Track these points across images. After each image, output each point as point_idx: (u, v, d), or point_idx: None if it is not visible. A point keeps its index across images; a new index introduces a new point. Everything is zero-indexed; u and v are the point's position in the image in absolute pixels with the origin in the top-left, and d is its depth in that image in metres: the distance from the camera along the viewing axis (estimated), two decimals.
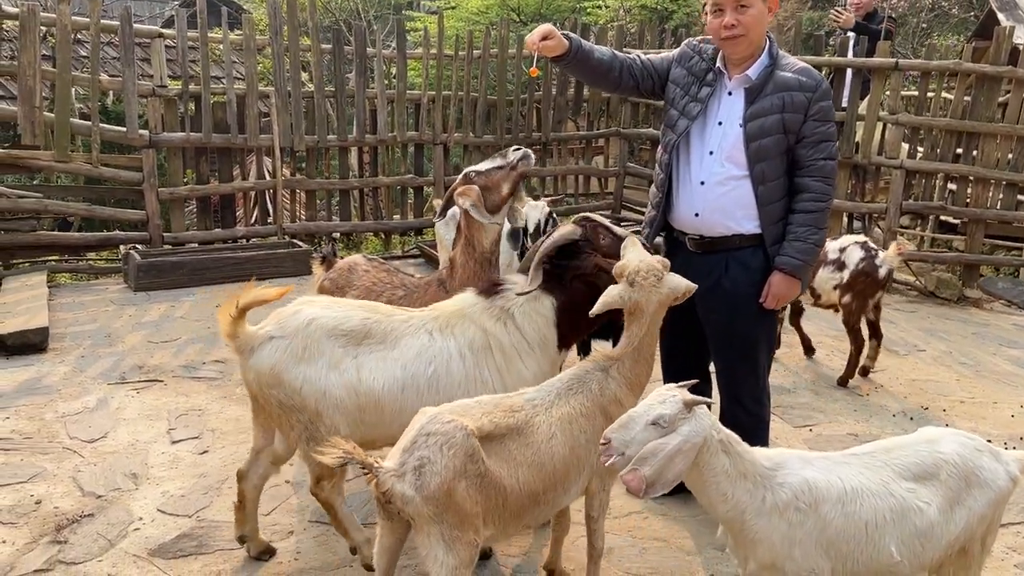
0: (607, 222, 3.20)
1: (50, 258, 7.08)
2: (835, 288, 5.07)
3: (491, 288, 3.09)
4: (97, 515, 3.46)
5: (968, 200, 7.52)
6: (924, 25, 16.99)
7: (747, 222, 3.27)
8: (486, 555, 3.28)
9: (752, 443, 2.42)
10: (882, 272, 5.00)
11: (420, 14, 15.05)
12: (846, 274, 5.02)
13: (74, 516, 3.44)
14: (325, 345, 2.84)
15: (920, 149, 7.91)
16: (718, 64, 3.28)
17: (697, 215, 3.31)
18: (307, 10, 7.71)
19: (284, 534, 3.39)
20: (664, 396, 2.22)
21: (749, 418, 3.48)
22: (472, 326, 2.99)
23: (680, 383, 2.31)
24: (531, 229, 4.81)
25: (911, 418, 4.75)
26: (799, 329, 5.67)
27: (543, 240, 3.12)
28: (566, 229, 3.12)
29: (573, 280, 3.08)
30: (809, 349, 5.69)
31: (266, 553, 3.22)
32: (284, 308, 2.96)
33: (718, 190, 3.26)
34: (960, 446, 2.34)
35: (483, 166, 3.50)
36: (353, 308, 2.98)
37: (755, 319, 3.35)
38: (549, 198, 5.39)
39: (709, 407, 2.27)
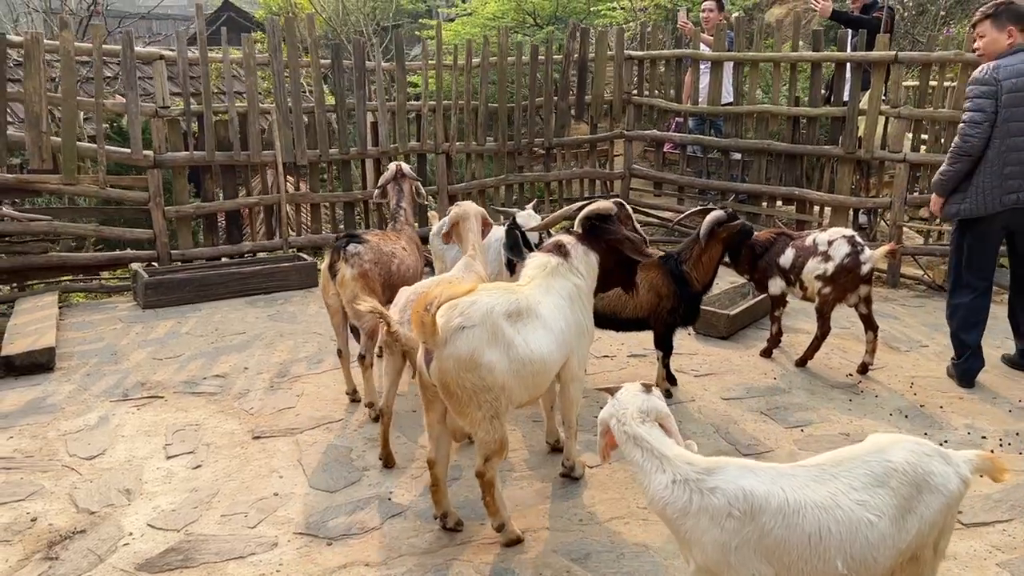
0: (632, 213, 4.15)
1: (64, 279, 7.25)
2: (817, 279, 5.10)
3: (562, 249, 3.77)
4: (89, 531, 3.56)
5: None
6: (943, 13, 16.75)
7: None
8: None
9: None
10: (865, 268, 5.03)
11: (437, 21, 15.11)
12: (831, 266, 5.05)
13: (67, 532, 3.54)
14: (503, 328, 3.27)
15: (925, 136, 7.83)
16: None
17: None
18: (305, 25, 7.81)
19: (268, 546, 3.45)
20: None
21: None
22: (566, 282, 3.69)
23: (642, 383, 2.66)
24: (532, 241, 4.86)
25: (906, 416, 4.71)
26: (779, 323, 5.64)
27: (585, 203, 3.97)
28: (605, 203, 3.94)
29: (605, 243, 3.87)
30: (776, 344, 5.68)
31: (459, 525, 3.57)
32: (459, 300, 3.23)
33: None
34: (909, 453, 2.33)
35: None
36: (501, 291, 3.42)
37: None
38: (533, 203, 5.46)
39: (613, 393, 2.64)
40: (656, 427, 2.48)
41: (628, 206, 4.17)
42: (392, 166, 5.42)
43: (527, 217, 4.97)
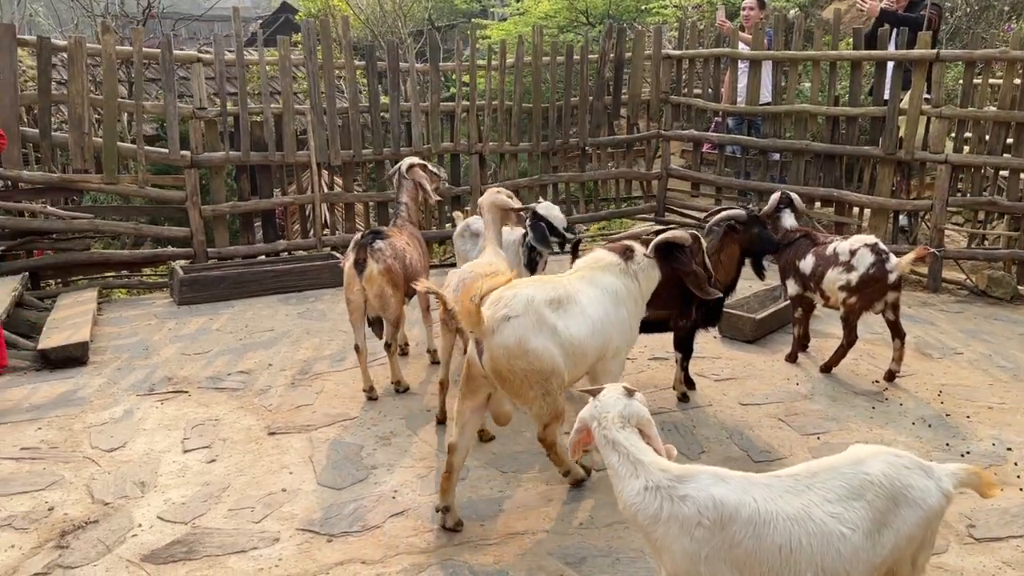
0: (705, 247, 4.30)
1: (107, 275, 7.48)
2: (841, 289, 4.96)
3: (627, 252, 3.97)
4: (101, 521, 3.67)
5: (1021, 193, 7.14)
6: (1007, 8, 16.15)
7: None
8: None
9: None
10: (892, 277, 4.87)
11: (472, 22, 15.19)
12: (854, 276, 4.90)
13: (80, 522, 3.66)
14: (546, 315, 3.49)
15: (969, 134, 7.56)
16: None
17: None
18: (339, 27, 7.92)
19: (270, 541, 3.52)
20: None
21: None
22: (614, 280, 3.86)
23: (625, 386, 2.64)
24: (560, 226, 4.98)
25: (929, 425, 4.58)
26: (805, 327, 5.56)
27: (664, 231, 4.14)
28: (682, 234, 4.12)
29: (673, 268, 4.06)
30: (803, 349, 5.60)
31: (459, 525, 3.59)
32: (500, 292, 3.47)
33: None
34: (887, 465, 2.26)
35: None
36: (538, 283, 3.68)
37: None
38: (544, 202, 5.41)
39: (594, 395, 2.59)
40: (635, 432, 2.46)
41: (704, 241, 4.31)
42: (403, 161, 5.66)
43: (547, 208, 5.03)
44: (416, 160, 5.68)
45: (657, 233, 4.14)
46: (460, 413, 3.60)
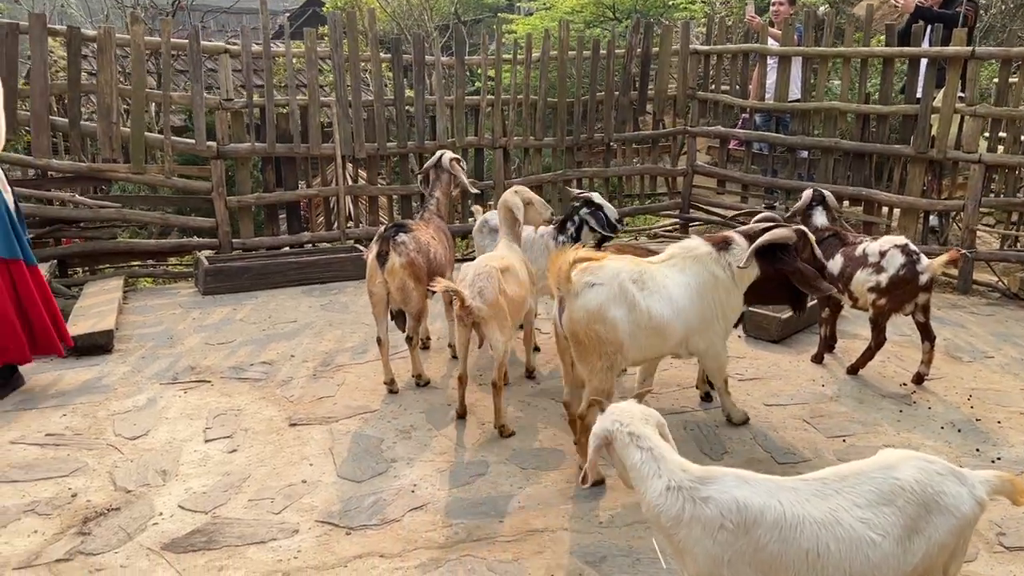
0: (814, 240, 4.20)
1: (133, 264, 7.54)
2: (870, 290, 4.87)
3: (723, 243, 4.04)
4: (123, 509, 3.69)
5: None
6: None
7: None
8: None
9: None
10: (923, 279, 4.77)
11: (497, 17, 15.14)
12: (884, 278, 4.81)
13: (102, 509, 3.68)
14: (629, 290, 3.69)
15: (1003, 134, 7.42)
16: None
17: None
18: (365, 20, 7.91)
19: (289, 532, 3.51)
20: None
21: None
22: (704, 270, 3.96)
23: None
24: (613, 217, 5.14)
25: (959, 430, 4.49)
26: (832, 327, 5.49)
27: (765, 231, 4.04)
28: (785, 232, 4.06)
29: (775, 268, 4.03)
30: (829, 350, 5.53)
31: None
32: (589, 263, 3.70)
33: None
34: (919, 471, 2.20)
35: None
36: (627, 261, 3.84)
37: None
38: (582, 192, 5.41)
39: (602, 408, 2.57)
40: (656, 432, 2.42)
41: (811, 235, 4.21)
42: (439, 153, 5.72)
43: (599, 197, 5.21)
44: (452, 153, 5.75)
45: (765, 230, 4.07)
46: (566, 373, 3.96)
